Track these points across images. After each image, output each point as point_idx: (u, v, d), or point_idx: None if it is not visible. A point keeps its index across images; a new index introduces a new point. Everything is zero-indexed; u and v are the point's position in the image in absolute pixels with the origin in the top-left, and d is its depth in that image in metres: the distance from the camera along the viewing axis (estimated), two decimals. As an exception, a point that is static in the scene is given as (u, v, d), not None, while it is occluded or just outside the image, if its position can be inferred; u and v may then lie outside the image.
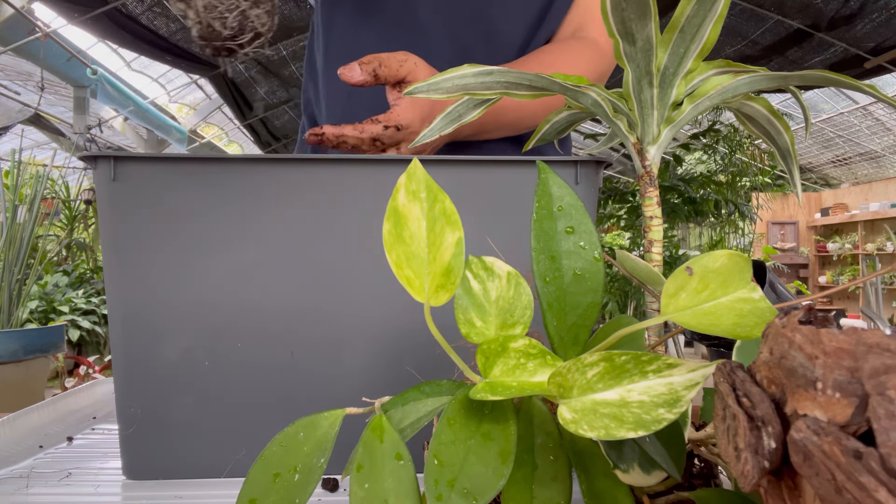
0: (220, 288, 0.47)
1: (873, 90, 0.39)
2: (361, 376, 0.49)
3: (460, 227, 0.30)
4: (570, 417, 0.24)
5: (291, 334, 0.48)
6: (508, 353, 0.28)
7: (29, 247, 1.38)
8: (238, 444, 0.48)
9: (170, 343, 0.47)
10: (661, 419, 0.22)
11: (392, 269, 0.29)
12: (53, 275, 3.24)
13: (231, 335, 0.48)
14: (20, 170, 1.44)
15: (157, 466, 0.48)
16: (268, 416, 0.48)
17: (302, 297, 0.48)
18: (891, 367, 0.17)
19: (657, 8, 0.40)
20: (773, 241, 8.43)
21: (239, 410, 0.48)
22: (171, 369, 0.47)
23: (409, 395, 0.30)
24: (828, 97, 6.23)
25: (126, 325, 0.47)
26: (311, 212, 0.48)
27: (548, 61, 0.72)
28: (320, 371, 0.49)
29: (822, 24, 2.86)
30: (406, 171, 0.31)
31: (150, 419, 0.48)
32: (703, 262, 0.28)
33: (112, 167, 0.46)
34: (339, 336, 0.49)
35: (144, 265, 0.47)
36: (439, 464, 0.24)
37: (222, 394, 0.48)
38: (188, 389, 0.48)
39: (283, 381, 0.48)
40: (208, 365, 0.47)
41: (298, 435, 0.28)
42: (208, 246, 0.47)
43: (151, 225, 0.47)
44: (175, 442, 0.48)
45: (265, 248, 0.48)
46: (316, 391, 0.49)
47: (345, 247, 0.48)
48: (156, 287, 0.47)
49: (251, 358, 0.48)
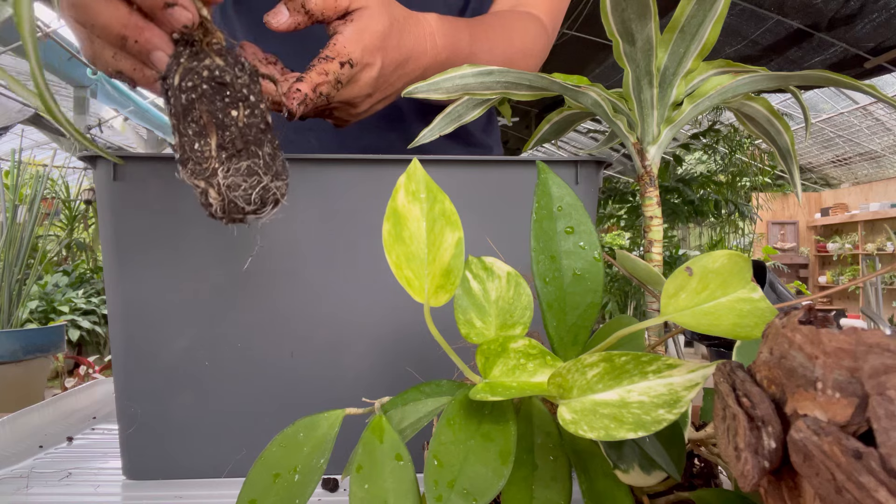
0: (221, 288, 0.47)
1: (873, 90, 0.39)
2: (361, 376, 0.49)
3: (460, 228, 0.30)
4: (569, 418, 0.24)
5: (291, 334, 0.48)
6: (508, 353, 0.28)
7: (29, 247, 1.38)
8: (238, 445, 0.48)
9: (170, 343, 0.47)
10: (661, 420, 0.22)
11: (392, 270, 0.29)
12: (53, 275, 3.24)
13: (231, 336, 0.48)
14: (20, 170, 1.44)
15: (157, 467, 0.48)
16: (267, 416, 0.48)
17: (302, 296, 0.48)
18: (891, 367, 0.17)
19: (657, 8, 0.40)
20: (773, 241, 8.43)
21: (238, 411, 0.48)
22: (171, 369, 0.47)
23: (408, 395, 0.30)
24: (828, 97, 6.23)
25: (126, 324, 0.47)
26: (312, 211, 0.48)
27: (500, 26, 0.66)
28: (320, 371, 0.49)
29: (822, 24, 2.86)
30: (406, 172, 0.31)
31: (150, 419, 0.48)
32: (702, 262, 0.28)
33: (112, 167, 0.46)
34: (340, 336, 0.49)
35: (144, 265, 0.47)
36: (439, 464, 0.24)
37: (222, 394, 0.48)
38: (188, 390, 0.48)
39: (282, 381, 0.48)
40: (208, 365, 0.47)
41: (298, 435, 0.28)
42: (208, 245, 0.47)
43: (151, 224, 0.47)
44: (175, 442, 0.48)
45: (265, 248, 0.48)
46: (317, 391, 0.49)
47: (345, 247, 0.48)
48: (155, 287, 0.47)
49: (251, 358, 0.48)
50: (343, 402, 0.49)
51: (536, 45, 0.70)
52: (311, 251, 0.48)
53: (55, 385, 2.76)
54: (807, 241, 8.59)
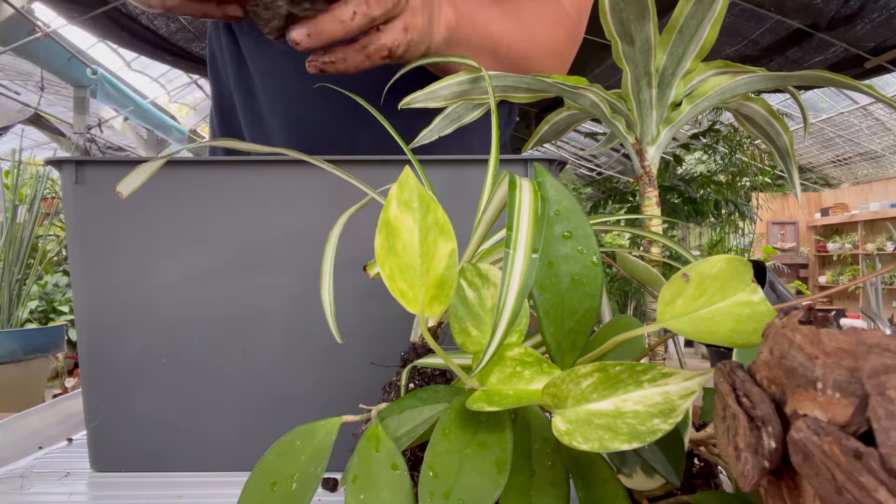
0: (179, 287, 0.49)
1: (872, 90, 0.39)
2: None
3: (453, 238, 0.29)
4: (564, 429, 0.23)
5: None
6: (505, 361, 0.28)
7: (29, 247, 1.38)
8: (198, 438, 0.49)
9: (130, 340, 0.49)
10: (656, 430, 0.22)
11: (385, 283, 0.28)
12: (53, 275, 3.24)
13: (188, 334, 0.48)
14: (20, 170, 1.44)
15: (120, 458, 0.49)
16: (224, 413, 0.49)
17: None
18: (891, 367, 0.17)
19: (655, 8, 0.40)
20: (773, 241, 8.43)
21: (196, 405, 0.49)
22: (131, 365, 0.49)
23: (405, 402, 0.29)
24: (828, 97, 6.23)
25: (89, 321, 0.49)
26: (290, 212, 0.49)
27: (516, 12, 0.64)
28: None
29: (822, 24, 2.86)
30: (398, 181, 0.30)
31: (112, 413, 0.49)
32: (699, 268, 0.27)
33: (74, 171, 0.48)
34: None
35: (107, 266, 0.49)
36: (434, 475, 0.24)
37: (179, 390, 0.49)
38: (147, 385, 0.49)
39: (237, 379, 0.49)
40: (165, 362, 0.49)
41: (295, 443, 0.28)
42: (167, 248, 0.49)
43: (113, 227, 0.49)
44: (137, 436, 0.49)
45: (241, 249, 0.49)
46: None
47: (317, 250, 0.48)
48: (117, 287, 0.49)
49: (206, 356, 0.49)
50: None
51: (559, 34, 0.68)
52: (295, 253, 0.48)
53: (55, 385, 2.76)
54: (807, 241, 8.59)
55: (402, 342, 0.37)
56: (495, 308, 0.30)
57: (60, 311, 2.95)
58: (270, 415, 0.49)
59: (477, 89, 0.47)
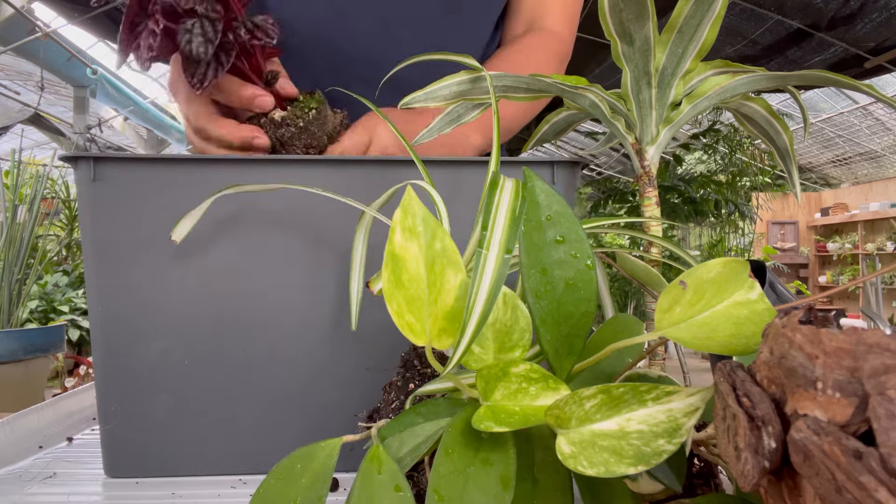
0: (197, 286, 0.48)
1: (871, 90, 0.39)
2: (357, 386, 0.49)
3: (462, 269, 0.28)
4: (568, 451, 0.23)
5: (258, 336, 0.48)
6: (510, 377, 0.27)
7: (29, 247, 1.38)
8: (217, 443, 0.49)
9: (149, 342, 0.48)
10: (662, 451, 0.22)
11: (393, 319, 0.28)
12: (53, 275, 3.24)
13: (210, 335, 0.48)
14: (20, 170, 1.44)
15: (136, 464, 0.48)
16: (246, 416, 0.48)
17: (290, 301, 0.48)
18: (891, 367, 0.17)
19: (655, 8, 0.40)
20: (773, 240, 8.43)
21: (218, 410, 0.48)
22: (150, 369, 0.48)
23: (405, 419, 0.29)
24: (828, 97, 6.22)
25: (106, 324, 0.47)
26: (302, 215, 0.48)
27: (513, 61, 0.72)
28: (314, 376, 0.49)
29: (822, 24, 2.86)
30: (401, 206, 0.29)
31: (129, 418, 0.48)
32: (697, 273, 0.27)
33: (92, 167, 0.46)
34: (332, 343, 0.49)
35: (124, 266, 0.47)
36: (439, 498, 0.23)
37: (200, 393, 0.48)
38: (166, 389, 0.48)
39: (261, 381, 0.48)
40: (187, 364, 0.48)
41: (295, 467, 0.28)
42: (185, 246, 0.47)
43: (132, 226, 0.47)
44: (154, 441, 0.48)
45: (249, 250, 0.48)
46: (311, 397, 0.49)
47: (337, 255, 0.48)
48: (136, 288, 0.47)
49: (229, 358, 0.48)
50: (336, 412, 0.49)
51: (553, 65, 0.75)
52: (300, 256, 0.48)
53: (55, 385, 2.76)
54: (807, 240, 8.59)
55: (402, 342, 0.37)
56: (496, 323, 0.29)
57: (60, 310, 2.94)
58: (283, 416, 0.49)
59: (477, 89, 0.47)
